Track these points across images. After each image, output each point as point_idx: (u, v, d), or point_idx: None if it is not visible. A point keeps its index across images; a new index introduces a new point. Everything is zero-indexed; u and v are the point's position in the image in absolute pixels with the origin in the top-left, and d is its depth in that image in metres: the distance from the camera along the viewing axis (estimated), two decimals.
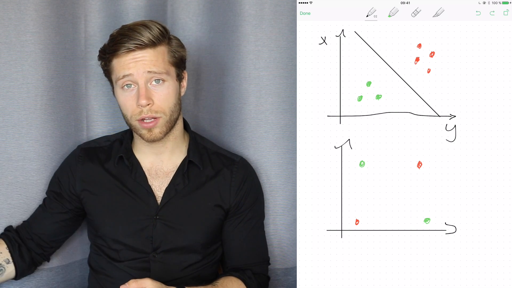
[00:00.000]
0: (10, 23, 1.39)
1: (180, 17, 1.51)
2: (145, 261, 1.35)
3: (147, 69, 1.28)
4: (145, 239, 1.35)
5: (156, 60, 1.29)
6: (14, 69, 1.41)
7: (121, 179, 1.38)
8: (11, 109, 1.42)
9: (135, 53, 1.28)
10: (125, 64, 1.28)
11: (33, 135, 1.43)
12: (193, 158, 1.38)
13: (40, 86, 1.43)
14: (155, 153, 1.38)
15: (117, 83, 1.31)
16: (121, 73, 1.29)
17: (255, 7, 1.46)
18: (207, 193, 1.38)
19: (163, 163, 1.38)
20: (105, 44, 1.33)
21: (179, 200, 1.36)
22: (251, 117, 1.50)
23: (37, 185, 1.45)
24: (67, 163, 1.42)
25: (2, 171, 1.43)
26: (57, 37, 1.44)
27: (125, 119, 1.34)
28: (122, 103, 1.32)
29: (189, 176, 1.38)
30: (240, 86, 1.50)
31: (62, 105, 1.47)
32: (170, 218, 1.35)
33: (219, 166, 1.40)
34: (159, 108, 1.29)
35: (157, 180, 1.37)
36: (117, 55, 1.29)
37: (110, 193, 1.37)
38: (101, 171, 1.39)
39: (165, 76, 1.30)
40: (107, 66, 1.33)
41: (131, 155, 1.39)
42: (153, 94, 1.29)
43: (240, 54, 1.49)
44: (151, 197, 1.36)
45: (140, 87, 1.28)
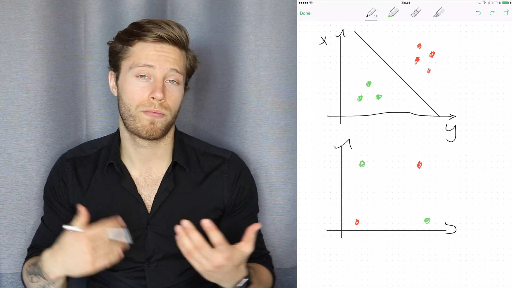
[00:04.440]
0: (10, 23, 1.40)
1: (180, 17, 1.51)
2: (139, 270, 1.33)
3: (171, 66, 1.26)
4: (137, 249, 1.31)
5: (180, 60, 1.28)
6: (14, 69, 1.41)
7: (110, 189, 1.34)
8: (11, 109, 1.42)
9: (163, 45, 1.26)
10: (150, 54, 1.25)
11: (33, 135, 1.44)
12: (178, 159, 1.34)
13: (40, 86, 1.43)
14: (143, 160, 1.33)
15: (132, 69, 1.26)
16: (143, 61, 1.25)
17: (255, 7, 1.46)
18: (198, 198, 1.35)
19: (152, 170, 1.34)
20: (128, 28, 1.30)
21: (170, 207, 1.33)
22: (251, 117, 1.50)
23: (37, 185, 1.45)
24: (56, 175, 1.37)
25: (2, 171, 1.43)
26: (57, 37, 1.44)
27: (124, 110, 1.28)
28: (129, 91, 1.27)
29: (176, 178, 1.34)
30: (240, 86, 1.50)
31: (62, 105, 1.47)
32: (162, 226, 1.32)
33: (209, 168, 1.37)
34: (169, 106, 1.27)
35: (146, 189, 1.34)
36: (144, 40, 1.26)
37: (98, 205, 1.33)
38: (89, 183, 1.35)
39: (181, 79, 1.29)
40: (123, 49, 1.28)
41: (120, 162, 1.35)
42: (166, 91, 1.26)
43: (240, 54, 1.49)
44: (141, 206, 1.33)
45: (158, 80, 1.25)
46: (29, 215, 1.46)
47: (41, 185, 1.43)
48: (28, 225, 1.46)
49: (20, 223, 1.46)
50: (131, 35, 1.27)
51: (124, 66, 1.28)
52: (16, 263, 1.46)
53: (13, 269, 1.46)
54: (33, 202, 1.45)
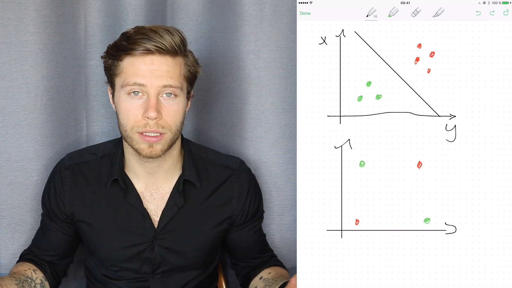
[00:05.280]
0: (10, 23, 1.40)
1: (180, 17, 1.51)
2: (144, 281, 1.31)
3: (164, 82, 1.17)
4: (143, 262, 1.29)
5: (173, 71, 1.19)
6: (14, 69, 1.41)
7: (114, 203, 1.29)
8: (11, 109, 1.42)
9: (153, 58, 1.17)
10: (140, 70, 1.17)
11: (33, 135, 1.44)
12: (189, 177, 1.29)
13: (40, 86, 1.43)
14: (149, 173, 1.28)
15: (124, 88, 1.19)
16: (132, 79, 1.17)
17: (255, 7, 1.46)
18: (208, 212, 1.31)
19: (158, 183, 1.29)
20: (117, 41, 1.22)
21: (178, 222, 1.29)
22: (251, 117, 1.50)
23: (37, 185, 1.45)
24: (53, 187, 1.32)
25: (2, 171, 1.43)
26: (57, 37, 1.44)
27: (121, 130, 1.22)
28: (124, 111, 1.20)
29: (186, 195, 1.29)
30: (240, 86, 1.50)
31: (62, 105, 1.47)
32: (169, 240, 1.29)
33: (219, 181, 1.33)
34: (166, 124, 1.19)
35: (153, 203, 1.29)
36: (132, 54, 1.17)
37: (101, 219, 1.29)
38: (91, 195, 1.30)
39: (178, 91, 1.20)
40: (114, 66, 1.21)
41: (125, 175, 1.29)
42: (162, 108, 1.18)
43: (240, 54, 1.49)
44: (147, 220, 1.28)
45: (151, 98, 1.17)
46: (29, 215, 1.46)
47: (41, 185, 1.43)
48: (28, 225, 1.46)
49: (20, 223, 1.46)
50: (118, 49, 1.20)
51: (117, 83, 1.22)
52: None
53: None
54: (33, 202, 1.45)
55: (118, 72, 1.20)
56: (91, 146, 1.39)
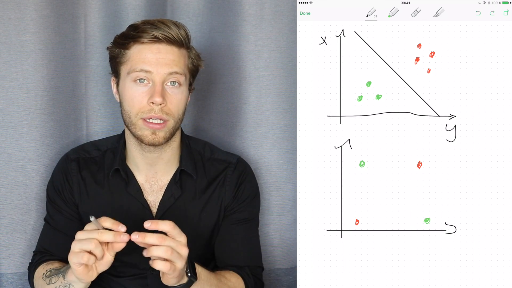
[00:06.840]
0: (10, 23, 1.40)
1: (180, 17, 1.51)
2: (143, 277, 1.32)
3: (169, 70, 1.21)
4: (141, 255, 1.27)
5: (179, 61, 1.23)
6: (14, 69, 1.41)
7: (115, 194, 1.31)
8: (11, 109, 1.42)
9: (160, 46, 1.21)
10: (147, 58, 1.21)
11: (33, 135, 1.44)
12: (186, 167, 1.32)
13: (40, 86, 1.43)
14: (149, 164, 1.30)
15: (130, 74, 1.22)
16: (139, 66, 1.21)
17: (255, 7, 1.46)
18: (203, 204, 1.33)
19: (158, 176, 1.32)
20: (124, 32, 1.26)
21: (175, 213, 1.30)
22: (251, 117, 1.50)
23: (37, 185, 1.45)
24: (63, 174, 1.33)
25: (2, 171, 1.43)
26: (57, 37, 1.44)
27: (125, 117, 1.25)
28: (129, 97, 1.23)
29: (183, 185, 1.32)
30: (240, 86, 1.50)
31: (62, 105, 1.47)
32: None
33: (214, 174, 1.35)
34: (170, 111, 1.22)
35: (152, 195, 1.32)
36: (140, 42, 1.21)
37: (104, 209, 1.30)
38: (94, 187, 1.32)
39: (182, 80, 1.24)
40: (120, 54, 1.24)
41: (126, 167, 1.32)
42: (167, 95, 1.22)
43: (240, 54, 1.49)
44: (146, 211, 1.30)
45: (157, 84, 1.21)
46: (29, 215, 1.46)
47: (41, 185, 1.43)
48: (28, 225, 1.46)
49: (20, 223, 1.46)
50: (127, 37, 1.24)
51: (123, 71, 1.25)
52: (16, 263, 1.46)
53: (13, 269, 1.46)
54: (33, 202, 1.45)
55: (124, 60, 1.24)
56: (94, 141, 1.41)
